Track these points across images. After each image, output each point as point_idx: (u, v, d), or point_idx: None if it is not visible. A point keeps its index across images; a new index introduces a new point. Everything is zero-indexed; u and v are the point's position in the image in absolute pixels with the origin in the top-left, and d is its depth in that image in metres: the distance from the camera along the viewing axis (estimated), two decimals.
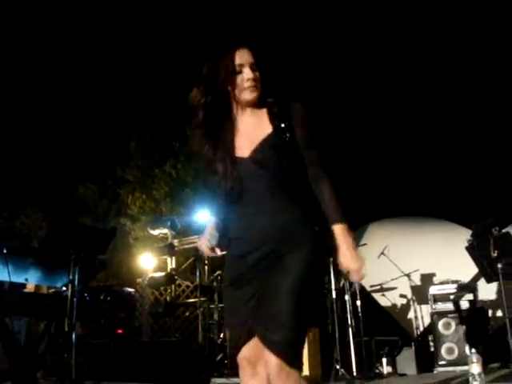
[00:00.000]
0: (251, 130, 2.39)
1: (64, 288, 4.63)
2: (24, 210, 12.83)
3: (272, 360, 2.21)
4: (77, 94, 14.04)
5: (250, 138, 2.37)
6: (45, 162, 13.53)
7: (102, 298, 5.74)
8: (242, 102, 2.40)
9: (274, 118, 2.38)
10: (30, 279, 4.59)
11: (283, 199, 2.33)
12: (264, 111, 2.42)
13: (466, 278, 7.29)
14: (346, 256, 2.29)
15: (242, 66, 2.37)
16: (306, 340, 6.29)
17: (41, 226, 11.82)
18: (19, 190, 13.02)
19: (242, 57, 2.38)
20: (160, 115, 12.81)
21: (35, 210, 12.80)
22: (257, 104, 2.42)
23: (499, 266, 5.19)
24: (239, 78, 2.37)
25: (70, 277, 4.24)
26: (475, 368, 4.18)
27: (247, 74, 2.36)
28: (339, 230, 2.30)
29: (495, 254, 5.22)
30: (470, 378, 4.17)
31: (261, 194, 2.32)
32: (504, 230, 5.72)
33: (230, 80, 2.37)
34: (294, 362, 2.23)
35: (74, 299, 4.16)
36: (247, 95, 2.37)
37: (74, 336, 4.15)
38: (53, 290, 5.23)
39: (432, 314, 6.91)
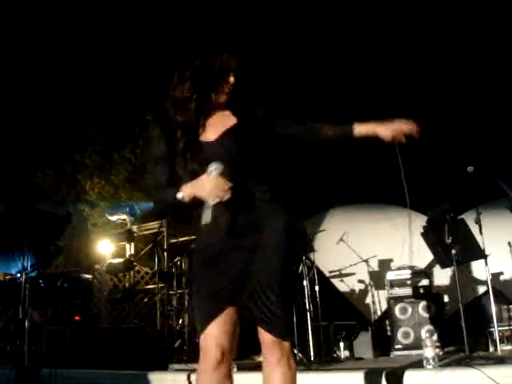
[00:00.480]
0: (218, 123, 2.51)
1: (19, 275, 4.56)
2: None
3: (266, 337, 2.32)
4: (34, 79, 13.76)
5: (217, 128, 2.49)
6: (1, 147, 13.26)
7: (58, 284, 5.67)
8: (214, 102, 2.52)
9: (238, 114, 2.53)
10: None
11: (249, 181, 2.44)
12: (229, 111, 2.56)
13: (422, 264, 7.41)
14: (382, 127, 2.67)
15: (232, 71, 2.52)
16: None
17: None
18: None
19: (233, 63, 2.54)
20: (119, 99, 12.65)
21: None
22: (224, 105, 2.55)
23: (453, 251, 5.27)
24: (224, 82, 2.51)
25: (24, 263, 4.17)
26: (429, 352, 4.25)
27: (232, 80, 2.51)
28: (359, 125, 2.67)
29: (449, 240, 5.29)
30: (424, 362, 4.25)
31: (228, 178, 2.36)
32: (459, 217, 5.82)
33: (218, 81, 2.50)
34: (287, 335, 2.34)
35: (27, 285, 4.10)
36: (223, 98, 2.52)
37: (27, 323, 4.10)
38: (8, 277, 5.14)
39: (389, 299, 7.01)
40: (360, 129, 2.62)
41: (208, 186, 2.30)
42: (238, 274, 2.36)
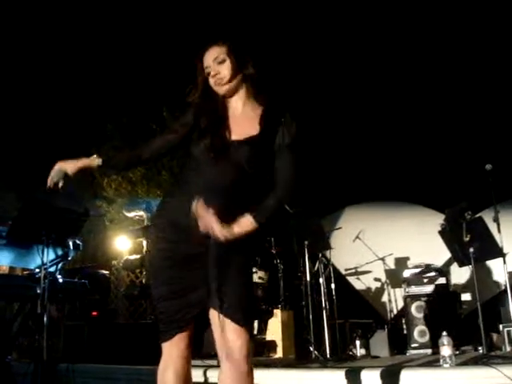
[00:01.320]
0: (243, 122, 2.50)
1: (37, 270, 4.60)
2: None
3: (237, 338, 2.31)
4: (54, 75, 13.86)
5: (240, 130, 2.47)
6: (19, 142, 13.37)
7: (76, 279, 5.71)
8: (220, 95, 2.53)
9: (264, 123, 2.49)
10: (3, 261, 4.57)
11: (240, 199, 2.42)
12: (259, 110, 2.54)
13: (439, 262, 7.38)
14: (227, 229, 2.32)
15: (208, 67, 2.51)
16: (280, 322, 6.35)
17: (15, 208, 11.69)
18: None
19: (208, 57, 2.52)
20: (137, 97, 12.71)
21: (9, 191, 12.66)
22: (248, 100, 2.55)
23: (471, 250, 5.24)
24: (210, 78, 2.52)
25: (43, 258, 4.21)
26: (446, 350, 4.23)
27: (212, 71, 2.50)
28: (247, 222, 2.36)
29: (467, 239, 5.26)
30: (441, 360, 4.23)
31: (220, 188, 2.39)
32: (477, 215, 5.79)
33: (206, 80, 2.53)
34: (247, 323, 2.35)
35: (46, 281, 4.14)
36: (219, 91, 2.51)
37: (45, 318, 4.14)
38: (27, 272, 5.19)
39: (405, 298, 6.98)
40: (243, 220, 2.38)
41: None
42: (196, 277, 2.39)
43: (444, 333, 4.31)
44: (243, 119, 2.51)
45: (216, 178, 2.40)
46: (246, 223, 2.35)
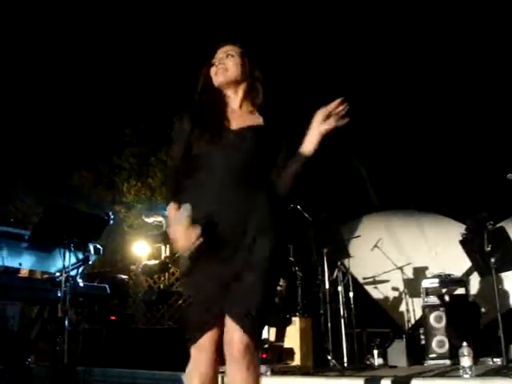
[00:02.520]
0: (242, 117, 2.56)
1: (58, 274, 4.64)
2: (18, 195, 12.81)
3: (239, 337, 2.29)
4: (73, 82, 13.99)
5: (242, 120, 2.53)
6: (40, 147, 13.49)
7: (95, 284, 5.74)
8: (218, 87, 2.59)
9: (268, 119, 2.57)
10: (24, 264, 4.60)
11: (250, 186, 2.44)
12: (257, 110, 2.61)
13: (458, 272, 7.32)
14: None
15: (217, 57, 2.60)
16: (299, 329, 6.33)
17: (35, 212, 11.80)
18: (13, 176, 13.00)
19: (220, 51, 2.61)
20: (154, 103, 12.78)
21: (28, 194, 12.79)
22: (246, 98, 2.60)
23: (492, 260, 5.21)
24: (213, 68, 2.60)
25: (64, 262, 4.24)
26: (466, 361, 4.21)
27: (218, 61, 2.58)
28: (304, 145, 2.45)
29: (489, 249, 5.24)
30: (461, 371, 4.20)
31: (231, 176, 2.42)
32: (498, 225, 5.75)
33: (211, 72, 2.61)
34: (258, 342, 2.34)
35: (67, 284, 4.17)
36: (215, 79, 2.58)
37: (66, 321, 4.16)
38: (46, 276, 5.23)
39: (424, 307, 6.93)
40: (307, 146, 2.44)
41: (179, 240, 2.28)
42: (224, 282, 2.37)
43: (464, 343, 4.29)
44: (242, 113, 2.58)
45: (225, 167, 2.42)
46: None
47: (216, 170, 2.42)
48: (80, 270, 4.72)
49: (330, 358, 6.07)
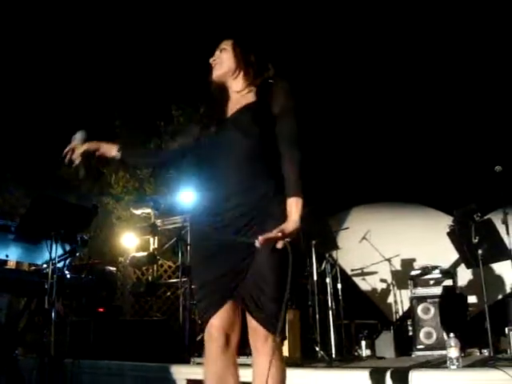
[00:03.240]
0: (238, 101, 2.68)
1: (45, 265, 4.61)
2: (7, 186, 12.72)
3: (259, 331, 2.39)
4: (61, 72, 13.89)
5: (236, 105, 2.65)
6: (28, 138, 13.40)
7: (83, 276, 5.71)
8: (218, 81, 2.75)
9: (258, 92, 2.67)
10: (11, 256, 4.57)
11: (257, 171, 2.52)
12: (253, 89, 2.70)
13: (446, 264, 7.36)
14: (289, 223, 2.39)
15: (215, 56, 2.76)
16: (287, 321, 6.33)
17: (23, 204, 11.72)
18: (1, 166, 12.90)
19: (217, 49, 2.77)
20: (144, 94, 12.71)
21: (17, 187, 12.70)
22: (245, 84, 2.72)
23: (479, 252, 5.23)
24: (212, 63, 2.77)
25: (51, 254, 4.22)
26: (453, 352, 4.22)
27: (214, 57, 2.75)
28: (293, 203, 2.42)
29: (476, 240, 5.26)
30: (448, 362, 4.22)
31: (235, 163, 2.52)
32: (486, 217, 5.77)
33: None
34: (279, 333, 2.37)
35: (55, 276, 4.15)
36: (214, 74, 2.74)
37: (53, 313, 4.15)
38: (34, 268, 5.20)
39: (411, 299, 6.97)
40: (289, 205, 2.44)
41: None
42: (235, 269, 2.44)
43: (451, 334, 4.30)
44: (240, 98, 2.69)
45: (229, 156, 2.53)
46: (293, 207, 2.41)
47: (219, 163, 2.55)
48: (67, 261, 4.69)
49: (318, 349, 6.09)
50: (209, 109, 2.74)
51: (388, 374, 3.97)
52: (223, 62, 2.71)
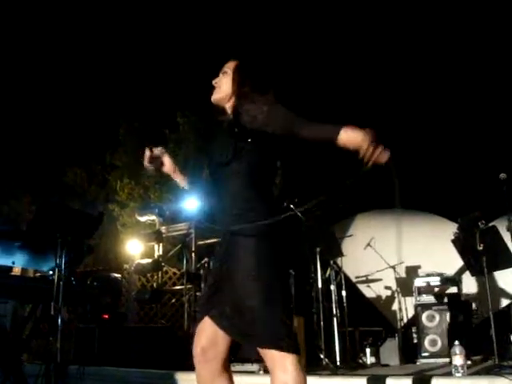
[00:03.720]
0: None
1: (51, 272, 4.62)
2: (13, 193, 12.78)
3: (267, 355, 2.39)
4: (67, 80, 13.96)
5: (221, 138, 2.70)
6: (34, 145, 13.46)
7: (88, 282, 5.72)
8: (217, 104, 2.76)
9: (234, 111, 2.69)
10: (17, 262, 4.58)
11: (243, 200, 2.54)
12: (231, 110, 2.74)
13: (450, 271, 7.35)
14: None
15: (221, 71, 2.77)
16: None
17: (30, 210, 11.77)
18: (7, 174, 12.95)
19: (222, 69, 2.77)
20: (149, 102, 12.76)
21: (24, 193, 12.75)
22: (233, 102, 2.72)
23: (484, 259, 5.23)
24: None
25: (57, 261, 4.23)
26: (458, 360, 4.23)
27: (215, 79, 2.76)
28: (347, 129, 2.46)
29: (481, 248, 5.25)
30: (453, 370, 4.22)
31: (225, 194, 2.59)
32: (490, 224, 5.77)
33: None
34: (288, 348, 2.37)
35: (60, 283, 4.16)
36: (212, 97, 2.75)
37: (59, 320, 4.16)
38: (39, 274, 5.21)
39: (416, 306, 6.96)
40: (345, 137, 2.47)
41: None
42: (214, 290, 2.52)
43: (456, 342, 4.30)
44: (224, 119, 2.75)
45: (221, 189, 2.62)
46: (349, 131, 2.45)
47: (217, 194, 2.63)
48: (73, 268, 4.70)
49: (322, 356, 6.08)
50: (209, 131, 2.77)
51: (393, 382, 3.96)
52: (221, 87, 2.72)
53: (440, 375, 4.71)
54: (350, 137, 2.42)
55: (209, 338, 2.49)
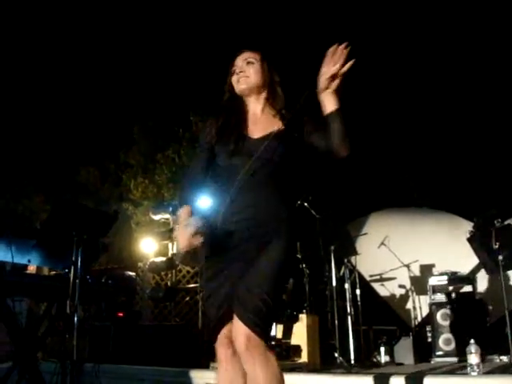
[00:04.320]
0: (261, 123, 2.61)
1: (66, 270, 4.65)
2: (27, 192, 12.86)
3: (241, 330, 2.33)
4: (81, 78, 14.03)
5: (263, 127, 2.58)
6: (47, 144, 13.53)
7: (103, 281, 5.75)
8: (240, 95, 2.65)
9: (286, 121, 2.57)
10: (33, 261, 4.61)
11: (276, 192, 2.51)
12: (277, 116, 2.62)
13: (465, 270, 7.31)
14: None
15: (236, 65, 2.65)
16: (306, 326, 6.33)
17: (43, 209, 11.85)
18: (22, 172, 13.04)
19: (239, 58, 2.65)
20: (163, 100, 12.80)
21: (37, 192, 12.83)
22: (267, 104, 2.66)
23: (500, 257, 5.21)
24: (234, 76, 2.65)
25: (73, 259, 4.26)
26: (473, 358, 4.21)
27: (238, 69, 2.63)
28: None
29: (496, 246, 5.23)
30: (469, 369, 4.20)
31: (257, 182, 2.49)
32: (506, 222, 5.73)
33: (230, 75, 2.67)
34: (262, 334, 2.32)
35: (76, 281, 4.19)
36: (236, 87, 2.63)
37: (76, 318, 4.18)
38: (54, 272, 5.24)
39: (430, 305, 6.93)
40: (329, 106, 2.44)
41: (180, 242, 2.46)
42: (236, 278, 2.43)
43: (472, 341, 4.28)
44: (264, 120, 2.63)
45: (249, 179, 2.48)
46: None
47: (238, 180, 2.48)
48: (88, 266, 4.73)
49: (336, 355, 6.08)
50: (226, 122, 2.62)
51: (407, 381, 3.95)
52: (250, 76, 2.61)
53: (455, 374, 4.69)
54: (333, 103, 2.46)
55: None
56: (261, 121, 2.63)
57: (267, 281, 2.37)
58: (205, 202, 2.73)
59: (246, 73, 2.61)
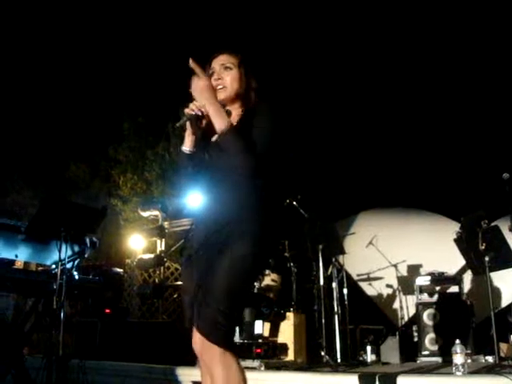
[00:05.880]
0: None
1: (53, 266, 4.64)
2: (15, 187, 12.79)
3: (196, 337, 2.45)
4: (70, 73, 13.95)
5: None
6: (36, 139, 13.46)
7: (90, 277, 5.74)
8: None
9: (243, 118, 2.56)
10: (20, 256, 4.59)
11: (236, 190, 2.48)
12: (240, 113, 2.60)
13: (452, 270, 7.35)
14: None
15: (213, 69, 2.60)
16: (292, 325, 6.35)
17: (32, 204, 11.78)
18: (10, 167, 12.97)
19: (216, 61, 2.61)
20: (153, 97, 12.76)
21: (26, 187, 12.77)
22: (240, 103, 2.62)
23: (486, 258, 5.25)
24: (212, 80, 2.57)
25: (60, 255, 4.25)
26: (459, 358, 4.23)
27: (216, 74, 2.58)
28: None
29: (483, 247, 5.27)
30: (454, 368, 4.23)
31: (217, 182, 2.51)
32: (493, 224, 5.78)
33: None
34: (217, 342, 2.36)
35: (63, 277, 4.18)
36: (218, 96, 2.54)
37: (62, 314, 4.18)
38: (41, 268, 5.23)
39: (417, 305, 6.97)
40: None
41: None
42: (196, 286, 2.47)
43: (457, 341, 4.31)
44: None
45: (208, 183, 2.55)
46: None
47: (205, 187, 2.57)
48: (76, 262, 4.72)
49: (323, 353, 6.10)
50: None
51: (393, 380, 3.97)
52: (227, 86, 2.57)
53: (440, 374, 4.72)
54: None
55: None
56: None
57: (222, 292, 2.36)
58: (196, 197, 2.79)
59: (223, 80, 2.57)
